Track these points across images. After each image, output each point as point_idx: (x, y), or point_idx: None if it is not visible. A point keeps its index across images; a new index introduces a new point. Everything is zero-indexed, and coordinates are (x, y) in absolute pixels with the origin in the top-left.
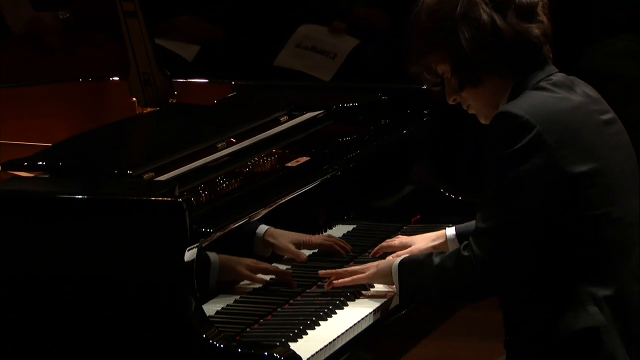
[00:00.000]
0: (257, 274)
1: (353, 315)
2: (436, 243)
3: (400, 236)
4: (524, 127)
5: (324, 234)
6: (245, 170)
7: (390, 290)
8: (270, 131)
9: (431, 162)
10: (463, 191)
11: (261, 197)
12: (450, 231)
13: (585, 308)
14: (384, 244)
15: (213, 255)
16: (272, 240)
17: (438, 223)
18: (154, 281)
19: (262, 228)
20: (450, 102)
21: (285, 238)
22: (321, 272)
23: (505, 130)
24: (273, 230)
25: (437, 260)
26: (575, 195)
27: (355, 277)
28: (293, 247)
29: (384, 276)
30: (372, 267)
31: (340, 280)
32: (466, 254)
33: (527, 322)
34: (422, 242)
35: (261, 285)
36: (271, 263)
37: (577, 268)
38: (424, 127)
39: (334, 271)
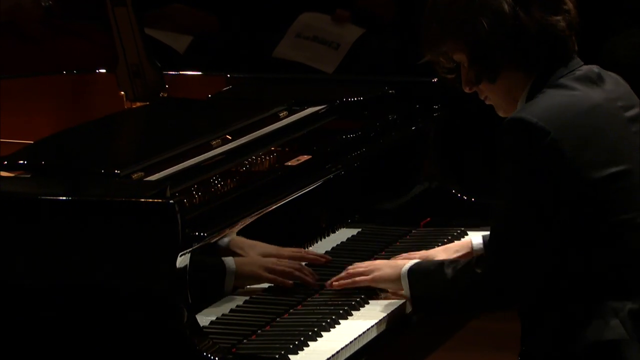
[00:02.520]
0: (281, 272)
1: (357, 326)
2: (459, 254)
3: (423, 252)
4: (538, 134)
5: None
6: (241, 170)
7: (398, 299)
8: (269, 127)
9: (441, 161)
10: (476, 192)
11: (259, 198)
12: (476, 240)
13: (606, 320)
14: (405, 255)
15: (228, 260)
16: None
17: (449, 226)
18: (143, 289)
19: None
20: (467, 91)
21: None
22: (327, 283)
23: (517, 137)
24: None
25: (448, 272)
26: (596, 201)
27: (356, 279)
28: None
29: (390, 281)
30: (375, 269)
31: (340, 282)
32: (479, 270)
33: (545, 332)
34: (443, 253)
35: (262, 292)
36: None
37: (598, 278)
38: (433, 122)
39: (339, 281)
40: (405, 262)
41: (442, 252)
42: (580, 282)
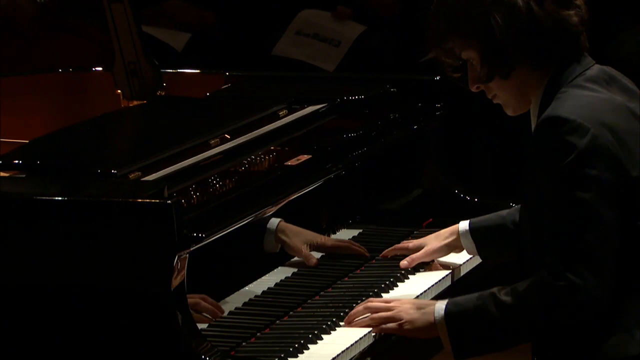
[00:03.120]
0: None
1: (358, 328)
2: (449, 240)
3: (416, 241)
4: (578, 130)
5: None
6: (240, 169)
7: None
8: (268, 126)
9: (444, 160)
10: (479, 192)
11: (258, 198)
12: (463, 225)
13: (631, 333)
14: (399, 245)
15: (273, 221)
16: (283, 237)
17: None
18: (140, 291)
19: (274, 221)
20: (473, 90)
21: (297, 237)
22: (345, 319)
23: (557, 136)
24: (285, 225)
25: (506, 299)
26: (630, 200)
27: (384, 327)
28: (305, 249)
29: (422, 329)
30: (399, 311)
31: (359, 320)
32: (562, 283)
33: (563, 345)
34: (435, 241)
35: (261, 294)
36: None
37: (624, 286)
38: (436, 121)
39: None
40: (433, 303)
41: (433, 239)
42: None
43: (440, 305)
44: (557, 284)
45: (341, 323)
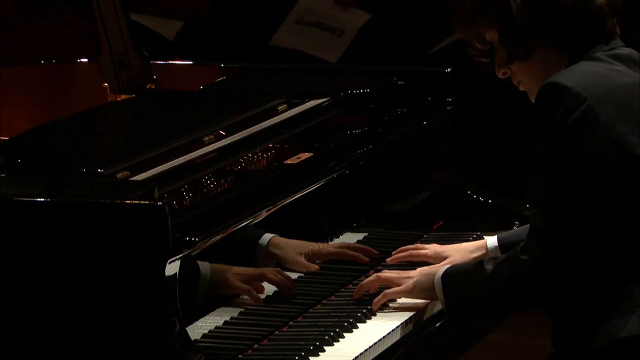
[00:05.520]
0: (253, 284)
1: (363, 340)
2: (475, 255)
3: (435, 245)
4: (573, 99)
5: (334, 242)
6: (236, 169)
7: (409, 310)
8: (266, 122)
9: (456, 159)
10: (493, 193)
11: (255, 200)
12: (491, 240)
13: (637, 312)
14: (411, 249)
15: (204, 265)
16: (276, 251)
17: (464, 230)
18: (129, 299)
19: (266, 237)
20: (500, 76)
21: (292, 249)
22: (355, 294)
23: (552, 103)
24: (278, 239)
25: (489, 267)
26: (634, 178)
27: (390, 291)
28: (302, 259)
29: (424, 290)
30: (409, 278)
31: (375, 301)
32: (524, 257)
33: (572, 326)
34: (458, 254)
35: (256, 302)
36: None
37: (630, 265)
38: (447, 116)
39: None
40: (440, 269)
41: (455, 252)
42: (610, 269)
43: (442, 268)
44: (520, 258)
45: (345, 334)
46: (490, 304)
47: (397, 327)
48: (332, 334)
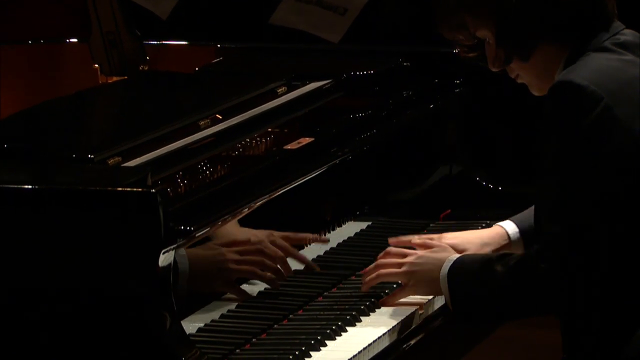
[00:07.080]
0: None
1: (367, 334)
2: (491, 248)
3: (446, 236)
4: (590, 99)
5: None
6: (233, 154)
7: (414, 303)
8: (265, 105)
9: (464, 143)
10: (503, 179)
11: (253, 187)
12: (511, 228)
13: None
14: (417, 239)
15: (182, 259)
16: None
17: (473, 219)
18: (121, 292)
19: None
20: (494, 70)
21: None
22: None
23: (567, 104)
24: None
25: (499, 269)
26: None
27: (385, 271)
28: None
29: (428, 282)
30: (410, 263)
31: (367, 279)
32: (543, 265)
33: (592, 335)
34: (475, 246)
35: (251, 296)
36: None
37: None
38: (455, 99)
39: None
40: (446, 262)
41: (472, 243)
42: (629, 281)
43: (449, 260)
44: (531, 264)
45: (348, 328)
46: (498, 310)
47: (401, 321)
48: (334, 327)
